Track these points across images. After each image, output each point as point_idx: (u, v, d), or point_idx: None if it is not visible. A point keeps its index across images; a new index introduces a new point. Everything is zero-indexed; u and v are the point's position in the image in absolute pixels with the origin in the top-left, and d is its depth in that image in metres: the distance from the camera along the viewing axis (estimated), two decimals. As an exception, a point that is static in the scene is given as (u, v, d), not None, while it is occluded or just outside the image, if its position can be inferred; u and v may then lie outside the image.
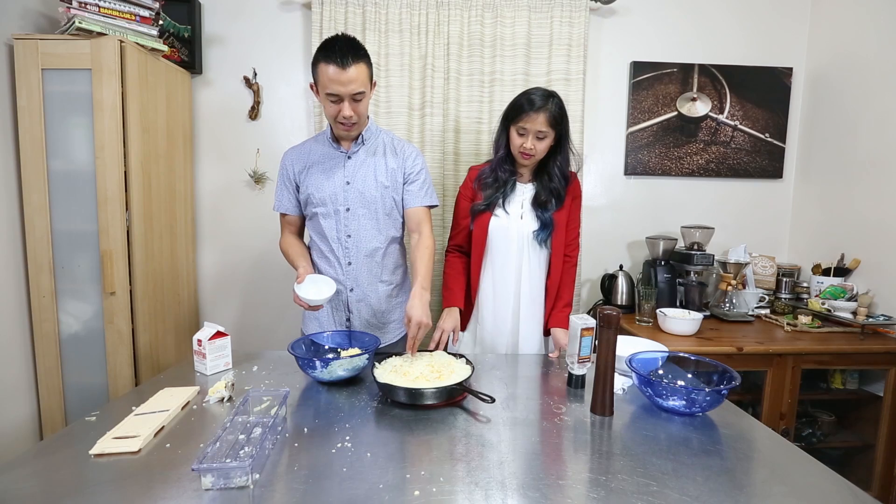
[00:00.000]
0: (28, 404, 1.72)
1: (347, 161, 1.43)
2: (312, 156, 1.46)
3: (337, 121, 1.34)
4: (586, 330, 1.15)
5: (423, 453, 0.88)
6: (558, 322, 1.51)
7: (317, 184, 1.42)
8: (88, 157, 1.64)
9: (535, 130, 1.42)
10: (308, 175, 1.44)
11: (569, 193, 1.53)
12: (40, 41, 1.59)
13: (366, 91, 1.31)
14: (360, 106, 1.32)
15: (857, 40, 2.02)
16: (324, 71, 1.25)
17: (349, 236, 1.43)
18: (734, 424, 1.01)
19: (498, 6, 2.08)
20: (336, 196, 1.42)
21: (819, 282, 2.03)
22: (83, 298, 1.70)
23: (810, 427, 1.90)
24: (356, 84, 1.27)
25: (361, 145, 1.44)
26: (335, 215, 1.43)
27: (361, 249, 1.44)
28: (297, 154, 1.48)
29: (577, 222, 1.60)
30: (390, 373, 1.13)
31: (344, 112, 1.30)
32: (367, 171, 1.43)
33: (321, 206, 1.42)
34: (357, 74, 1.26)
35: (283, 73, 2.17)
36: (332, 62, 1.23)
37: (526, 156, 1.46)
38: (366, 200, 1.42)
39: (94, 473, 0.80)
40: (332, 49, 1.24)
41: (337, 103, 1.30)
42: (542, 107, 1.40)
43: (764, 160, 2.29)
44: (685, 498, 0.75)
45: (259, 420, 0.94)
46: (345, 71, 1.24)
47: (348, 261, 1.45)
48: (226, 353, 1.28)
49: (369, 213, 1.43)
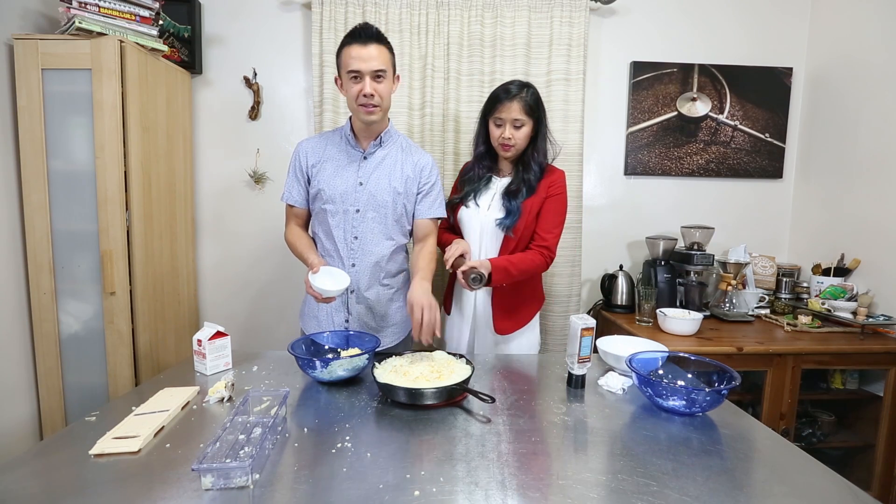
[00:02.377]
0: (28, 404, 1.72)
1: (363, 161, 1.42)
2: (328, 150, 1.43)
3: (357, 102, 1.32)
4: (586, 330, 1.15)
5: (423, 453, 0.88)
6: None
7: (329, 180, 1.40)
8: (88, 156, 1.64)
9: (511, 119, 1.44)
10: (321, 170, 1.41)
11: (548, 188, 1.51)
12: (40, 41, 1.59)
13: (387, 71, 1.32)
14: (380, 86, 1.32)
15: (857, 40, 2.02)
16: (347, 51, 1.29)
17: (356, 238, 1.42)
18: (734, 424, 1.01)
19: (498, 6, 2.08)
20: (347, 195, 1.40)
21: (819, 282, 2.03)
22: (83, 298, 1.70)
23: (810, 427, 1.90)
24: (377, 61, 1.29)
25: (379, 146, 1.42)
26: (344, 215, 1.41)
27: (367, 252, 1.43)
28: (312, 146, 1.45)
29: (557, 216, 1.53)
30: (390, 373, 1.14)
31: (365, 89, 1.29)
32: (382, 174, 1.41)
33: (330, 203, 1.40)
34: (378, 53, 1.29)
35: (283, 73, 2.17)
36: (356, 41, 1.28)
37: (506, 147, 1.47)
38: (377, 204, 1.40)
39: (94, 473, 0.80)
40: (355, 32, 1.30)
41: (358, 81, 1.30)
42: (517, 95, 1.43)
43: (764, 160, 2.29)
44: (685, 498, 0.75)
45: (259, 420, 0.94)
46: (366, 47, 1.28)
47: (353, 262, 1.43)
48: (226, 353, 1.28)
49: (379, 217, 1.41)
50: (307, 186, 1.45)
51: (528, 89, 1.46)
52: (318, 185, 1.41)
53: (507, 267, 1.42)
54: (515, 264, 1.44)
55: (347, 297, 1.46)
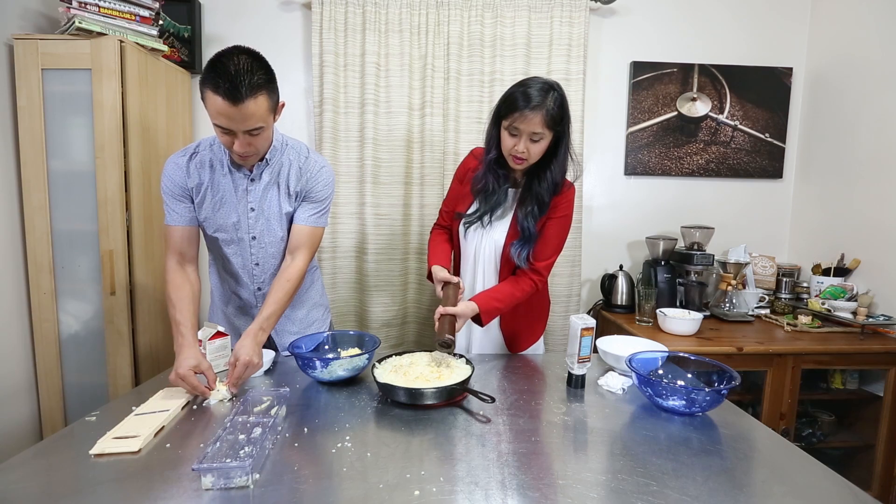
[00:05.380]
0: (28, 404, 1.72)
1: (251, 185, 1.24)
2: (206, 171, 1.23)
3: (231, 150, 1.13)
4: (586, 330, 1.15)
5: (423, 453, 0.88)
6: (479, 299, 1.28)
7: (215, 207, 1.23)
8: (88, 157, 1.64)
9: (530, 132, 1.20)
10: (206, 195, 1.23)
11: (554, 207, 1.33)
12: (40, 41, 1.59)
13: (265, 125, 1.10)
14: (258, 140, 1.11)
15: (857, 40, 2.02)
16: (212, 99, 1.01)
17: (257, 264, 1.32)
18: (734, 424, 1.01)
19: (498, 6, 2.08)
20: (240, 223, 1.26)
21: (819, 282, 2.03)
22: (83, 298, 1.70)
23: (810, 427, 1.90)
24: (252, 120, 1.05)
25: (266, 166, 1.24)
26: (239, 243, 1.29)
27: (272, 276, 1.33)
28: (188, 166, 1.23)
29: (559, 240, 1.36)
30: (390, 373, 1.13)
31: (236, 148, 1.10)
32: (272, 197, 1.26)
33: (222, 232, 1.27)
34: (255, 109, 1.03)
35: (283, 73, 2.13)
36: (220, 93, 0.99)
37: (518, 160, 1.25)
38: (272, 229, 1.29)
39: (94, 473, 0.80)
40: (222, 74, 0.99)
41: (228, 135, 1.08)
42: (539, 105, 1.17)
43: (764, 160, 2.29)
44: (685, 498, 0.75)
45: (259, 420, 0.94)
46: (236, 107, 1.01)
47: (257, 286, 1.35)
48: (226, 353, 1.28)
49: (276, 242, 1.31)
50: (194, 206, 1.25)
51: (553, 94, 1.19)
52: (205, 213, 1.24)
53: (497, 306, 1.30)
54: (503, 300, 1.31)
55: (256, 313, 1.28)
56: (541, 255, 1.33)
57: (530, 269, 1.33)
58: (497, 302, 1.30)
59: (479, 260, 1.40)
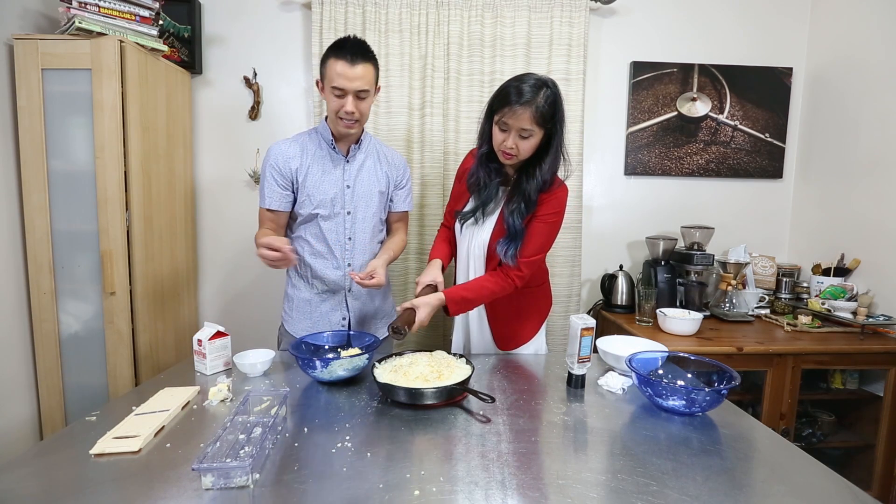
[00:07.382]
0: (28, 404, 1.72)
1: (346, 164, 1.44)
2: (308, 155, 1.42)
3: (338, 115, 1.34)
4: (586, 330, 1.15)
5: (423, 453, 0.88)
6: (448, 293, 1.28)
7: (317, 185, 1.41)
8: (88, 157, 1.64)
9: (519, 128, 1.20)
10: (308, 174, 1.40)
11: (542, 205, 1.31)
12: (40, 41, 1.59)
13: (370, 90, 1.34)
14: (362, 104, 1.34)
15: (857, 40, 2.02)
16: (332, 66, 1.29)
17: (350, 239, 1.45)
18: (734, 424, 1.01)
19: (498, 6, 2.08)
20: (337, 199, 1.42)
21: (819, 282, 2.03)
22: (83, 298, 1.70)
23: (810, 427, 1.90)
24: (362, 81, 1.30)
25: (358, 149, 1.45)
26: (335, 217, 1.43)
27: (361, 252, 1.47)
28: (289, 150, 1.41)
29: (546, 240, 1.34)
30: (390, 373, 1.13)
31: (347, 107, 1.31)
32: (366, 176, 1.46)
33: (321, 207, 1.41)
34: (364, 73, 1.30)
35: (283, 73, 2.17)
36: (342, 58, 1.28)
37: (507, 155, 1.26)
38: (366, 204, 1.45)
39: (94, 473, 0.80)
40: (343, 46, 1.30)
41: (341, 98, 1.31)
42: (530, 101, 1.17)
43: (764, 160, 2.29)
44: (685, 498, 0.75)
45: (259, 420, 0.94)
46: (353, 67, 1.28)
47: (348, 262, 1.46)
48: (226, 352, 1.28)
49: (369, 217, 1.46)
50: (291, 190, 1.42)
51: (546, 91, 1.19)
52: (307, 191, 1.40)
53: (464, 296, 1.29)
54: (473, 290, 1.30)
55: (346, 295, 1.48)
56: (523, 251, 1.32)
57: (513, 269, 1.32)
58: (466, 292, 1.30)
59: (471, 256, 1.42)
